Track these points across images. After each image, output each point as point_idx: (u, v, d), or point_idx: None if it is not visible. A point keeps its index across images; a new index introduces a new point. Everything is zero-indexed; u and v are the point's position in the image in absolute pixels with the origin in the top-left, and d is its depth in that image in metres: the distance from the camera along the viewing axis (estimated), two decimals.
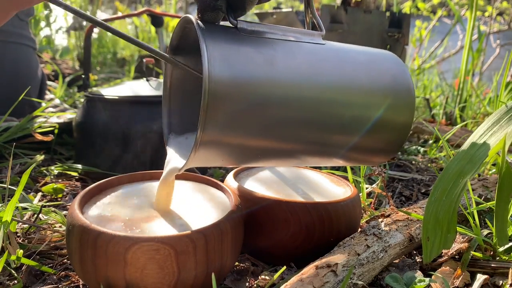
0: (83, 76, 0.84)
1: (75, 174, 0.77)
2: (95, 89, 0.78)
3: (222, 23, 0.37)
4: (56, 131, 0.83)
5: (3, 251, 0.45)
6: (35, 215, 0.54)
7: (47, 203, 0.62)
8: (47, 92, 1.11)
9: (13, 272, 0.43)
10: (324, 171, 0.59)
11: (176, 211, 0.42)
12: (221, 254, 0.38)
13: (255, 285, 0.42)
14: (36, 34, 1.85)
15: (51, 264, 0.46)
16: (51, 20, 1.99)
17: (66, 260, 0.47)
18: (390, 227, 0.47)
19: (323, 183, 0.54)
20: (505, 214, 0.45)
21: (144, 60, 0.82)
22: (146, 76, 0.81)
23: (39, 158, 0.74)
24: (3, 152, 0.78)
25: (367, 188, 0.66)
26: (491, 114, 0.46)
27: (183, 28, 0.39)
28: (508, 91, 1.03)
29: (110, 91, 0.74)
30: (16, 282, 0.43)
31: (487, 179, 0.67)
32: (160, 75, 1.48)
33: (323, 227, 0.45)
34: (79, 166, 0.75)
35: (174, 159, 0.41)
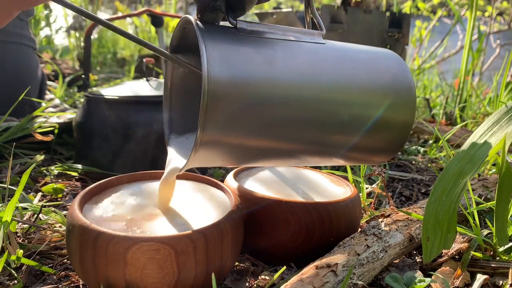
0: (83, 76, 0.84)
1: (75, 174, 0.77)
2: (95, 89, 0.78)
3: (221, 23, 0.37)
4: (56, 131, 0.83)
5: (3, 251, 0.45)
6: (35, 215, 0.54)
7: (47, 203, 0.62)
8: (47, 92, 1.11)
9: (13, 272, 0.43)
10: (324, 171, 0.59)
11: (176, 211, 0.42)
12: (221, 254, 0.38)
13: (255, 285, 0.42)
14: (36, 34, 1.85)
15: (51, 264, 0.46)
16: (51, 20, 1.99)
17: (66, 260, 0.47)
18: (390, 227, 0.47)
19: (323, 183, 0.54)
20: (505, 214, 0.45)
21: (144, 60, 0.82)
22: (146, 76, 0.81)
23: (39, 158, 0.74)
24: (3, 152, 0.78)
25: (367, 188, 0.66)
26: (491, 114, 0.46)
27: (183, 29, 0.39)
28: (508, 91, 1.03)
29: (110, 91, 0.74)
30: (16, 282, 0.43)
31: (487, 179, 0.67)
32: (160, 75, 1.48)
33: (323, 227, 0.45)
34: (79, 166, 0.75)
35: (175, 159, 0.41)
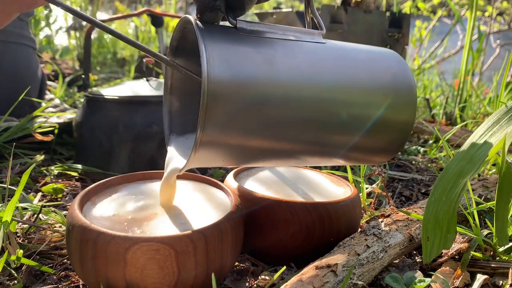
0: (83, 76, 0.84)
1: (75, 174, 0.77)
2: (95, 89, 0.78)
3: (221, 23, 0.37)
4: (56, 131, 0.83)
5: (3, 251, 0.45)
6: (35, 215, 0.54)
7: (47, 203, 0.62)
8: (47, 92, 1.11)
9: (13, 272, 0.43)
10: (324, 171, 0.59)
11: (176, 211, 0.42)
12: (221, 254, 0.38)
13: (255, 285, 0.42)
14: (36, 34, 1.85)
15: (51, 264, 0.46)
16: (51, 20, 1.99)
17: (66, 260, 0.47)
18: (390, 227, 0.47)
19: (323, 183, 0.54)
20: (505, 214, 0.44)
21: (144, 60, 0.82)
22: (146, 76, 0.81)
23: (39, 158, 0.74)
24: (3, 152, 0.78)
25: (367, 188, 0.66)
26: (491, 114, 0.46)
27: (183, 29, 0.39)
28: (508, 91, 1.03)
29: (110, 91, 0.74)
30: (16, 282, 0.43)
31: (487, 179, 0.67)
32: (160, 75, 1.48)
33: (323, 227, 0.45)
34: (79, 166, 0.75)
35: (175, 160, 0.41)
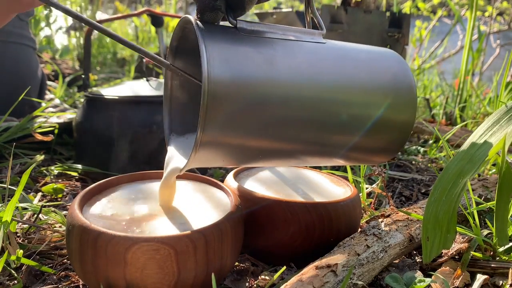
0: (83, 76, 0.84)
1: (75, 174, 0.77)
2: (95, 89, 0.78)
3: (221, 23, 0.37)
4: (56, 131, 0.83)
5: (3, 251, 0.45)
6: (35, 215, 0.54)
7: (47, 203, 0.62)
8: (47, 92, 1.11)
9: (13, 272, 0.43)
10: (324, 171, 0.59)
11: (176, 211, 0.42)
12: (221, 254, 0.38)
13: (255, 285, 0.42)
14: (36, 34, 1.85)
15: (51, 264, 0.46)
16: (51, 20, 1.99)
17: (66, 260, 0.47)
18: (390, 227, 0.47)
19: (323, 183, 0.54)
20: (505, 214, 0.44)
21: (144, 60, 0.82)
22: (146, 76, 0.81)
23: (39, 158, 0.74)
24: (3, 152, 0.78)
25: (367, 188, 0.66)
26: (491, 114, 0.46)
27: (183, 29, 0.39)
28: (508, 91, 1.03)
29: (110, 91, 0.74)
30: (16, 282, 0.43)
31: (487, 179, 0.67)
32: (160, 75, 1.48)
33: (323, 227, 0.45)
34: (79, 166, 0.75)
35: (175, 160, 0.41)
